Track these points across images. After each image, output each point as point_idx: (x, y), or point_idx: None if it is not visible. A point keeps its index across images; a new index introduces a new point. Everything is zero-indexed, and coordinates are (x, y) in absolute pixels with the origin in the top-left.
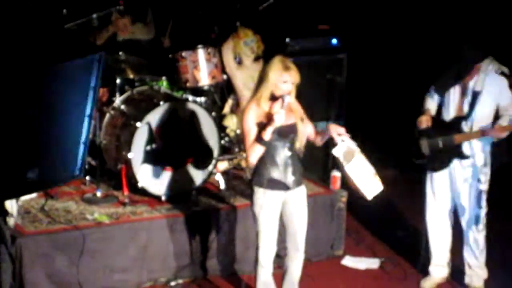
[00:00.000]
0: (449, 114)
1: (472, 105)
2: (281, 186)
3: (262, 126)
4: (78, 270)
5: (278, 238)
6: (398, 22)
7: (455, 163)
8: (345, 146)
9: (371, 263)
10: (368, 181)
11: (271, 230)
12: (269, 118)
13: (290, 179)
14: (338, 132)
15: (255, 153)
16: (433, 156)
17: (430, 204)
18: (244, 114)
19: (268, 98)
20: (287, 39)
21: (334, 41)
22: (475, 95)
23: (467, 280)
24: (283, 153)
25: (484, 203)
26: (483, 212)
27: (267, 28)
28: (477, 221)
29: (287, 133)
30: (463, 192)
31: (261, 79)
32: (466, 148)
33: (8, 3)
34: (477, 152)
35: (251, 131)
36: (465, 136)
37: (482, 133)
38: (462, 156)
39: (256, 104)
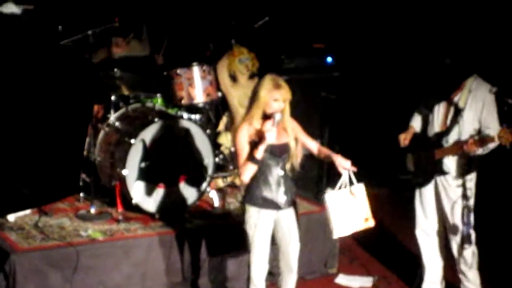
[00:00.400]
0: (433, 129)
1: (453, 121)
2: (273, 205)
3: (254, 145)
4: (71, 286)
5: (270, 256)
6: (391, 40)
7: (439, 180)
8: (344, 180)
9: (365, 282)
10: (344, 220)
11: (263, 249)
12: (261, 137)
13: (282, 198)
14: (343, 166)
15: (247, 171)
16: (417, 171)
17: (420, 221)
18: (237, 133)
19: (260, 116)
20: (282, 57)
21: (329, 59)
22: (458, 111)
23: None
24: (275, 172)
25: (472, 219)
26: (471, 229)
27: (262, 46)
28: (468, 239)
29: (280, 152)
30: (451, 211)
31: (253, 98)
32: (447, 164)
33: (4, 19)
34: (458, 167)
35: (244, 150)
36: (444, 151)
37: (458, 148)
38: (442, 172)
39: (248, 123)
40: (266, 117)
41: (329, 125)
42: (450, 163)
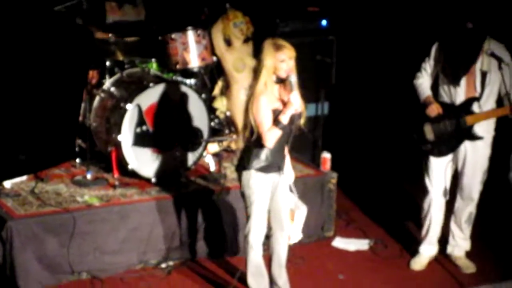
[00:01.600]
0: (459, 97)
1: (482, 86)
2: (276, 169)
3: (276, 111)
4: (68, 252)
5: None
6: (389, 3)
7: (467, 145)
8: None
9: (362, 245)
10: (299, 231)
11: (264, 213)
12: (283, 102)
13: (283, 162)
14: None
15: (273, 137)
16: (439, 141)
17: (437, 186)
18: (256, 102)
19: (273, 82)
20: (277, 21)
21: (324, 22)
22: (484, 76)
23: (449, 249)
24: (284, 139)
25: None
26: (482, 186)
27: (257, 10)
28: (475, 197)
29: (296, 119)
30: (472, 175)
31: (259, 68)
32: (477, 130)
33: None
34: (487, 132)
35: (266, 117)
36: (478, 117)
37: (497, 112)
38: (475, 137)
39: (264, 92)
40: (279, 81)
41: (325, 88)
42: (479, 128)
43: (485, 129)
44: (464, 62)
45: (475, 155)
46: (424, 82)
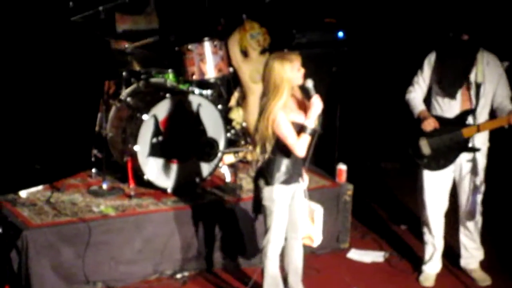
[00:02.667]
0: (454, 110)
1: (477, 98)
2: (297, 178)
3: (295, 123)
4: (83, 262)
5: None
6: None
7: (463, 157)
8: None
9: (377, 256)
10: (320, 231)
11: (284, 224)
12: (305, 109)
13: (302, 170)
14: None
15: (304, 144)
16: (436, 155)
17: (434, 202)
18: (276, 118)
19: (288, 96)
20: (294, 32)
21: (341, 34)
22: (478, 87)
23: (463, 263)
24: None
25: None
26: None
27: (274, 21)
28: (479, 206)
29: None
30: (473, 188)
31: (280, 84)
32: (475, 141)
33: None
34: (483, 143)
35: (290, 130)
36: (474, 129)
37: (496, 123)
38: (472, 149)
39: (282, 108)
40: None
41: (341, 100)
42: (477, 140)
43: (480, 140)
44: (460, 74)
45: (472, 167)
46: (416, 96)
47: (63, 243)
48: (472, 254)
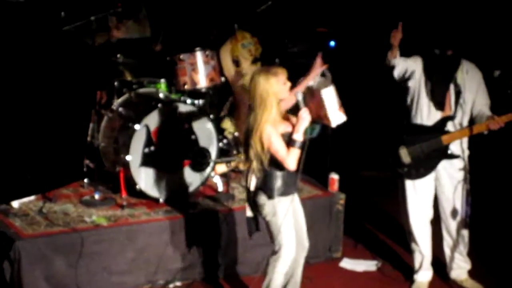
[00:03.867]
0: (434, 116)
1: (457, 104)
2: (294, 188)
3: (285, 135)
4: (76, 272)
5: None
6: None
7: (442, 166)
8: (320, 78)
9: (369, 265)
10: (336, 110)
11: (293, 237)
12: (289, 122)
13: (297, 180)
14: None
15: (295, 158)
16: (417, 163)
17: (418, 211)
18: (264, 132)
19: (277, 110)
20: (285, 41)
21: (332, 43)
22: (458, 95)
23: (453, 275)
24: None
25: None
26: (469, 209)
27: (265, 31)
28: (468, 219)
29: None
30: (453, 195)
31: (263, 99)
32: (453, 148)
33: (7, 6)
34: (464, 150)
35: (280, 144)
36: (454, 136)
37: (475, 129)
38: (451, 156)
39: (270, 123)
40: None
41: None
42: (455, 146)
43: (459, 147)
44: (444, 85)
45: (452, 173)
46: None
47: (55, 254)
48: (459, 265)
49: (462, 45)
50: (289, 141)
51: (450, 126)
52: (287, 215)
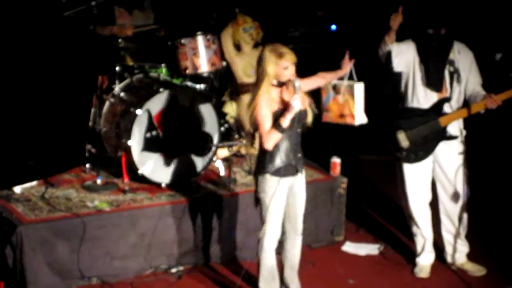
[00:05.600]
0: (431, 99)
1: (452, 85)
2: (292, 171)
3: (279, 114)
4: (78, 257)
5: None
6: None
7: (441, 147)
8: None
9: (372, 249)
10: (362, 109)
11: (279, 217)
12: (284, 105)
13: (299, 163)
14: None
15: (272, 140)
16: (415, 147)
17: (417, 194)
18: (256, 104)
19: (273, 87)
20: (287, 25)
21: (333, 27)
22: (452, 75)
23: (449, 259)
24: (294, 139)
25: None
26: (469, 192)
27: (266, 15)
28: (468, 202)
29: (301, 119)
30: (454, 177)
31: (261, 73)
32: (451, 129)
33: None
34: (461, 131)
35: (266, 118)
36: (452, 117)
37: (473, 108)
38: (450, 137)
39: (264, 95)
40: (281, 84)
41: None
42: (453, 128)
43: (457, 128)
44: (440, 66)
45: (452, 156)
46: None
47: (57, 239)
48: (458, 249)
49: (456, 24)
50: (274, 122)
51: (446, 108)
52: (276, 195)
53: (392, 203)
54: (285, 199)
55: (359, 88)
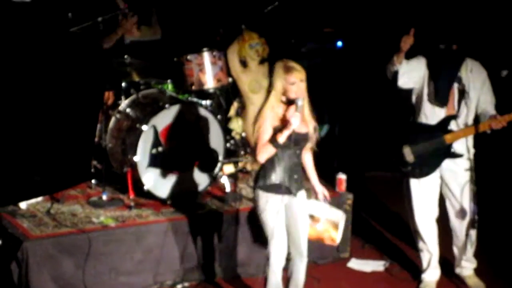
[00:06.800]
0: (438, 115)
1: (461, 104)
2: (284, 191)
3: (278, 130)
4: (84, 273)
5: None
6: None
7: (446, 165)
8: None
9: (377, 266)
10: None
11: (279, 234)
12: (285, 122)
13: (294, 185)
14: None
15: (265, 153)
16: (421, 161)
17: (423, 210)
18: (261, 115)
19: (281, 102)
20: (293, 41)
21: (339, 43)
22: (461, 93)
23: (457, 270)
24: (292, 160)
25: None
26: (477, 209)
27: (273, 31)
28: (476, 219)
29: (298, 141)
30: (460, 195)
31: (270, 87)
32: (457, 147)
33: (14, 7)
34: (467, 149)
35: (266, 132)
36: (458, 135)
37: (478, 128)
38: (455, 155)
39: (271, 109)
40: (289, 102)
41: (340, 108)
42: (460, 146)
43: (464, 146)
44: (448, 81)
45: (458, 173)
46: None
47: (63, 254)
48: (463, 264)
49: (468, 40)
50: (271, 137)
51: (453, 125)
52: (272, 213)
53: (398, 219)
54: (283, 216)
55: (342, 222)
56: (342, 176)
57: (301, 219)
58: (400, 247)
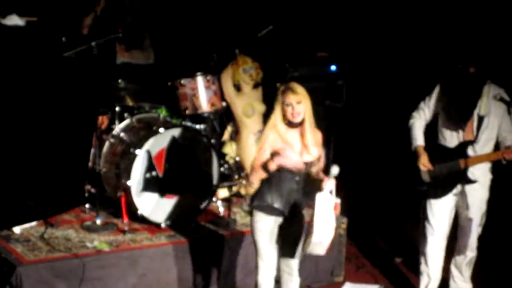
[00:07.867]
0: (454, 140)
1: (479, 130)
2: (280, 214)
3: (275, 153)
4: None
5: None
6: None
7: (461, 189)
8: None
9: None
10: (323, 226)
11: (270, 255)
12: (279, 151)
13: (290, 209)
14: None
15: (257, 176)
16: (435, 183)
17: (432, 231)
18: (262, 134)
19: (284, 125)
20: (286, 66)
21: (333, 67)
22: (481, 119)
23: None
24: (290, 184)
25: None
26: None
27: (266, 55)
28: (474, 240)
29: (299, 169)
30: (469, 215)
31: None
32: (473, 172)
33: (7, 31)
34: (483, 175)
35: (264, 152)
36: (473, 160)
37: (492, 155)
38: (469, 181)
39: (273, 129)
40: (291, 125)
41: (334, 133)
42: (476, 171)
43: (481, 172)
44: (467, 106)
45: (472, 198)
46: (418, 125)
47: (57, 279)
48: (458, 285)
49: (486, 64)
50: (263, 161)
51: (470, 151)
52: (265, 234)
53: (393, 242)
54: (275, 238)
55: (320, 199)
56: (336, 200)
57: (296, 239)
58: (396, 270)
